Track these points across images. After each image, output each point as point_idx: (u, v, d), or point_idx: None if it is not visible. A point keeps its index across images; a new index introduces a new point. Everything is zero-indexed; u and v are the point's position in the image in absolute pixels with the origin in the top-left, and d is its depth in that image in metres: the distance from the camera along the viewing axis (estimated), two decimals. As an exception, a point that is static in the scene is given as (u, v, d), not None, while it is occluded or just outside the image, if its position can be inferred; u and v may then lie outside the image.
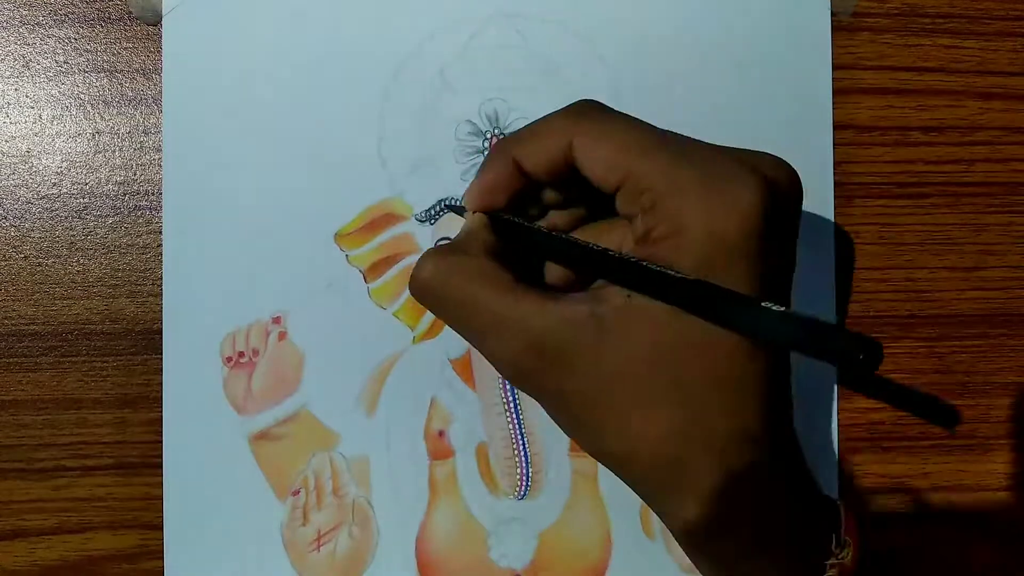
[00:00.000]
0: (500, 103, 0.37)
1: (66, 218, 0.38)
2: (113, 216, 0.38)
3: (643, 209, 0.27)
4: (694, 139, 0.28)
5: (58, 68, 0.38)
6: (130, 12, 0.38)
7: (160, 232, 0.37)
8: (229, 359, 0.37)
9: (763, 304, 0.24)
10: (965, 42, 0.38)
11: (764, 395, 0.26)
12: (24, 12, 0.38)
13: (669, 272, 0.25)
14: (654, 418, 0.26)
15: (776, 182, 0.26)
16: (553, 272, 0.31)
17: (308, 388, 0.37)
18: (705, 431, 0.26)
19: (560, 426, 0.28)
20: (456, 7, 0.38)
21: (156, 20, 0.38)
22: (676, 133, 0.28)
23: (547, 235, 0.30)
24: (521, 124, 0.37)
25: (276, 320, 0.37)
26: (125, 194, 0.38)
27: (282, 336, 0.37)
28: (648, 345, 0.26)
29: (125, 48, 0.38)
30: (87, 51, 0.38)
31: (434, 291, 0.28)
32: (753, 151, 0.27)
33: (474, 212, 0.30)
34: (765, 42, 0.38)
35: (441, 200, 0.37)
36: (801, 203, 0.28)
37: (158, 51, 0.38)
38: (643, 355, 0.26)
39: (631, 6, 0.38)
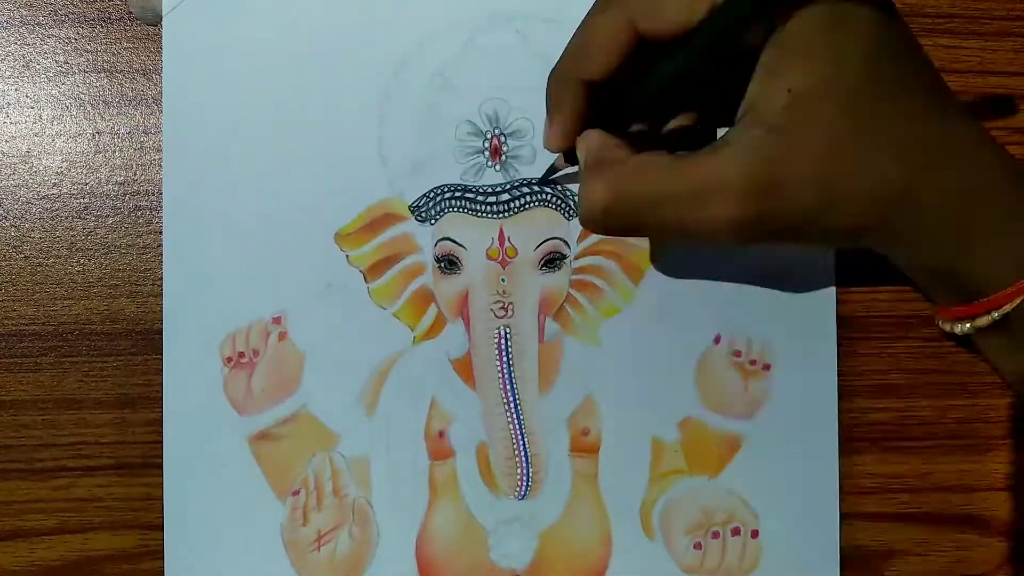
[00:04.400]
0: (500, 103, 0.37)
1: (66, 218, 0.38)
2: (113, 216, 0.38)
3: None
4: None
5: (58, 68, 0.38)
6: (130, 12, 0.38)
7: (160, 232, 0.37)
8: (229, 359, 0.37)
9: None
10: (965, 42, 0.38)
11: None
12: (24, 12, 0.38)
13: None
14: (864, 148, 0.28)
15: None
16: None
17: (308, 388, 0.37)
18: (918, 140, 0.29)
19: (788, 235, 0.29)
20: (456, 7, 0.38)
21: (156, 20, 0.38)
22: None
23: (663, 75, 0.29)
24: (521, 124, 0.37)
25: (276, 320, 0.37)
26: (125, 194, 0.38)
27: (282, 336, 0.37)
28: (833, 103, 0.28)
29: (125, 48, 0.38)
30: (87, 51, 0.38)
31: (623, 206, 0.29)
32: None
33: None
34: (765, 42, 0.38)
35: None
36: None
37: (158, 51, 0.38)
38: (831, 112, 0.28)
39: (631, 6, 0.38)
